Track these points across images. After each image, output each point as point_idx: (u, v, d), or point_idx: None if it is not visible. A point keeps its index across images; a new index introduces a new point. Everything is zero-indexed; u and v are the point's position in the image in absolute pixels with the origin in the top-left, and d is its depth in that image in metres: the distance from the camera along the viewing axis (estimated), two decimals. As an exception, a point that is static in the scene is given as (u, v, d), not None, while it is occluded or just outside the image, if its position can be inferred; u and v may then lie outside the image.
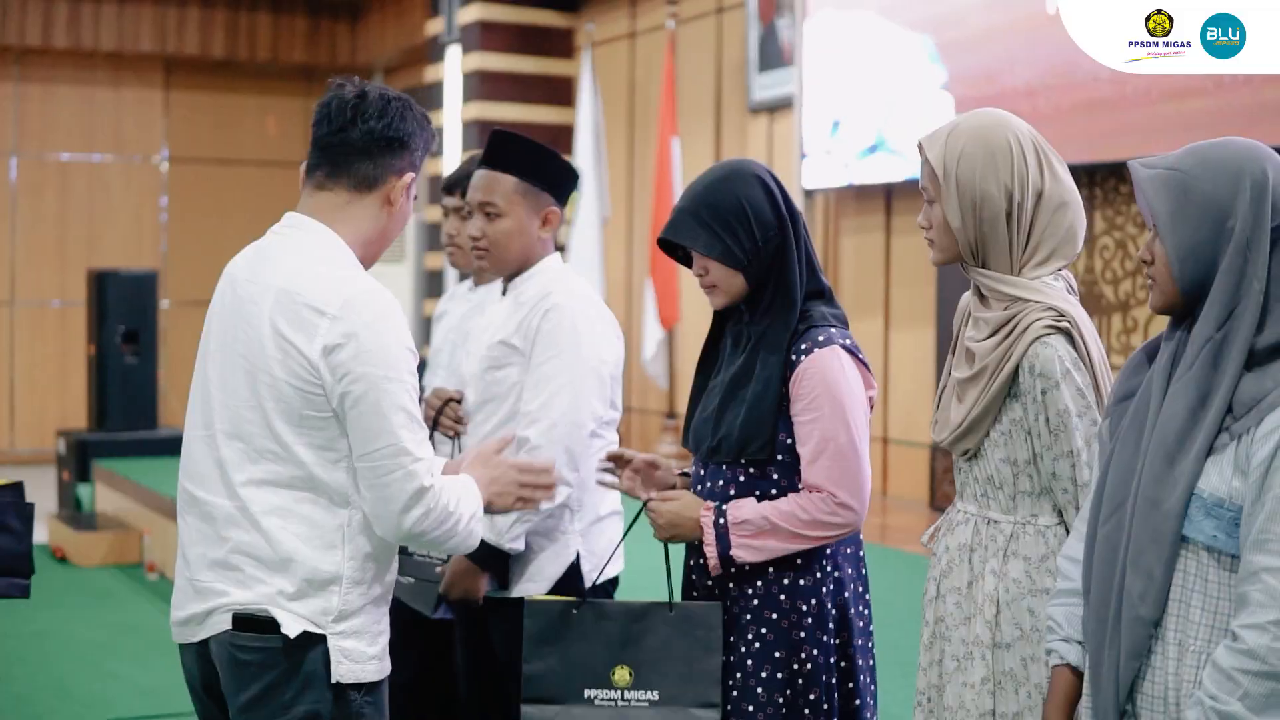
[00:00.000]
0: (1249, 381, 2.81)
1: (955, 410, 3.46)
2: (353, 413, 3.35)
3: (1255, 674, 2.72)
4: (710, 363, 4.01)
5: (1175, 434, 2.86)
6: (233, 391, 3.44)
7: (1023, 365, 3.31)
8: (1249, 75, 8.01)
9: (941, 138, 3.44)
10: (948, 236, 3.44)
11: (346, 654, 3.41)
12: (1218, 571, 2.83)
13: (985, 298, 3.44)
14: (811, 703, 3.77)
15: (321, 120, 3.54)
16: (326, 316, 3.34)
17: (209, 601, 3.45)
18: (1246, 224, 2.83)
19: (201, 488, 3.48)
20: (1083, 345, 3.35)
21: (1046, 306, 3.33)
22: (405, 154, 3.56)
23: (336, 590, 3.40)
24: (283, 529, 3.38)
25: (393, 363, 3.37)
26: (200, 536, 3.48)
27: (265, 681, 3.39)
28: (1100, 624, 2.96)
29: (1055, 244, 3.41)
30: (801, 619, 3.79)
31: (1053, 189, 3.39)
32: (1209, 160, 2.92)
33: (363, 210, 3.55)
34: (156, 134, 17.79)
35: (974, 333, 3.44)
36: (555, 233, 4.71)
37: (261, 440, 3.40)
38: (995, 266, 3.41)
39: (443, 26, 15.05)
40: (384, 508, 3.39)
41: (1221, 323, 2.85)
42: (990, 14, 9.83)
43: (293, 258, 3.47)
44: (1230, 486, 2.80)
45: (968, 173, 3.37)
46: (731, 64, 12.70)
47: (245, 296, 3.47)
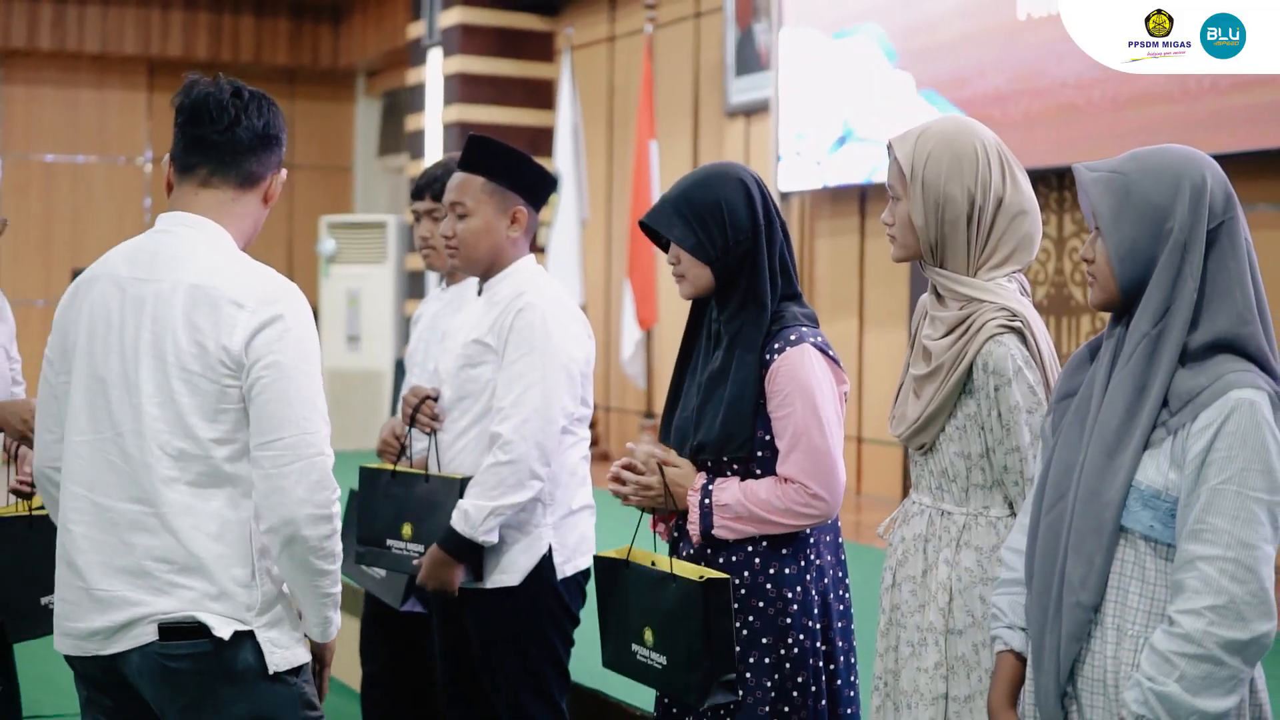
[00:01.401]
0: (1183, 377, 2.93)
1: (912, 406, 3.56)
2: (259, 399, 3.37)
3: (1191, 657, 2.83)
4: (687, 358, 4.14)
5: (1114, 429, 2.97)
6: (137, 390, 3.40)
7: (977, 363, 3.42)
8: (1214, 82, 8.10)
9: (911, 139, 3.56)
10: (910, 234, 3.55)
11: (275, 643, 3.42)
12: (1154, 560, 2.95)
13: (942, 297, 3.54)
14: (799, 685, 3.91)
15: (200, 118, 3.54)
16: (245, 310, 3.37)
17: (123, 612, 3.39)
18: (1184, 226, 2.96)
19: (98, 492, 3.42)
20: (1034, 344, 3.44)
21: (1000, 306, 3.44)
22: (279, 150, 3.62)
23: (254, 584, 3.41)
24: (194, 529, 3.36)
25: (302, 352, 3.41)
26: (97, 544, 3.42)
27: (201, 687, 3.39)
28: (1042, 610, 3.07)
29: (1012, 249, 3.52)
30: (787, 606, 3.91)
31: (1013, 196, 3.51)
32: (1150, 165, 3.05)
33: (245, 207, 3.59)
34: (140, 135, 17.76)
35: (930, 331, 3.55)
36: (528, 233, 4.81)
37: (170, 437, 3.37)
38: (953, 266, 3.52)
39: (424, 30, 15.05)
40: (278, 498, 3.38)
41: (1158, 319, 2.96)
42: (962, 21, 9.89)
43: (199, 255, 3.46)
44: (1167, 479, 2.93)
45: (934, 174, 3.49)
46: (709, 68, 12.73)
47: (146, 295, 3.43)
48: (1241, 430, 2.86)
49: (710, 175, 4.01)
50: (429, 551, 4.62)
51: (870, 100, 10.57)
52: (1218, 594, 2.83)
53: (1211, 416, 2.88)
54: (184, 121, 3.56)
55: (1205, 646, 2.83)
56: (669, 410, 4.17)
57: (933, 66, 10.12)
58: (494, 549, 4.61)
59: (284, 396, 3.35)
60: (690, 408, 4.03)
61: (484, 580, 4.66)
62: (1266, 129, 7.97)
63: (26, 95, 17.24)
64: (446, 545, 4.55)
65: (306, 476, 3.36)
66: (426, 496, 4.69)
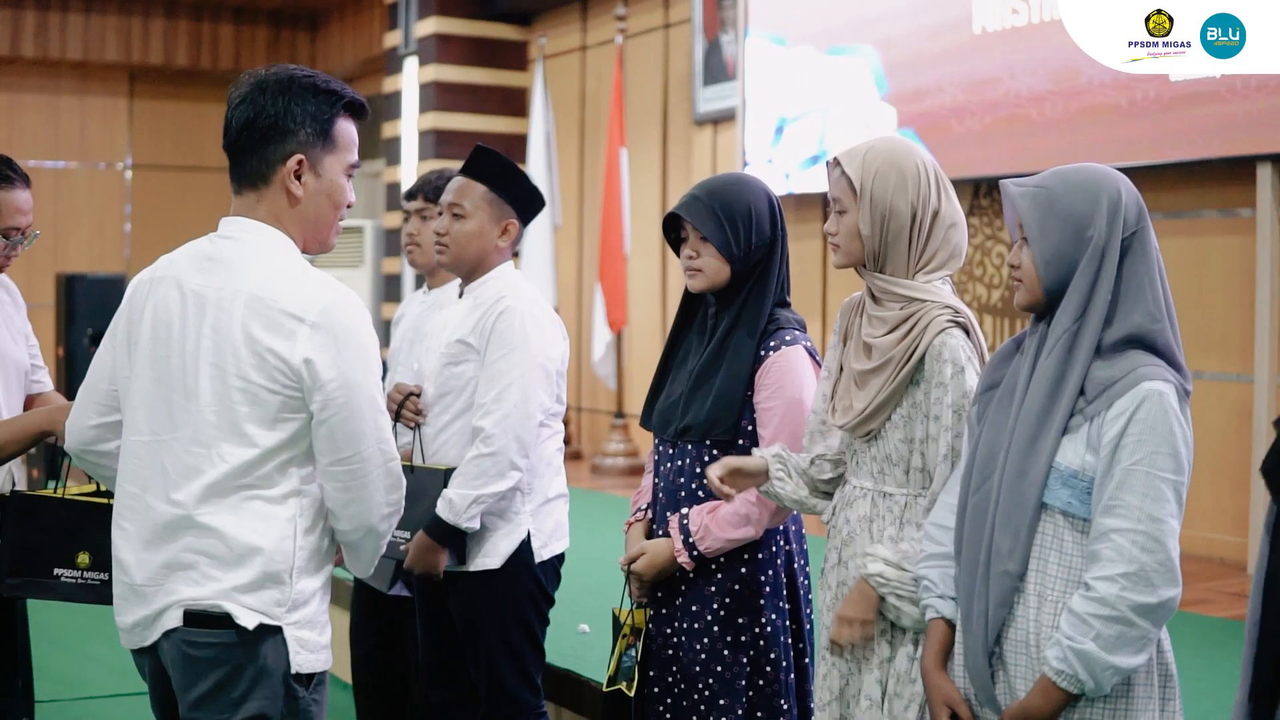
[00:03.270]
0: (1099, 368, 3.21)
1: (858, 398, 3.79)
2: (334, 419, 3.34)
3: (1106, 618, 3.10)
4: (674, 349, 4.43)
5: (1037, 415, 3.25)
6: (195, 396, 3.36)
7: (929, 354, 3.67)
8: (1159, 95, 8.37)
9: (859, 156, 3.79)
10: (855, 243, 3.78)
11: (303, 644, 3.40)
12: (1072, 533, 3.22)
13: (879, 299, 3.80)
14: (772, 660, 4.23)
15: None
16: (306, 324, 3.31)
17: (157, 602, 3.39)
18: (1102, 235, 3.24)
19: (150, 492, 3.41)
20: (976, 339, 3.74)
21: (944, 305, 3.72)
22: (286, 138, 3.43)
23: (289, 581, 3.37)
24: (237, 527, 3.33)
25: (366, 364, 3.37)
26: (145, 541, 3.41)
27: (217, 678, 3.34)
28: (970, 579, 3.32)
29: (946, 256, 3.80)
30: (760, 588, 4.24)
31: (947, 210, 3.80)
32: (1071, 180, 3.31)
33: (273, 205, 3.47)
34: (121, 141, 17.86)
35: (872, 329, 3.78)
36: (513, 245, 5.04)
37: (227, 445, 3.34)
38: (893, 272, 3.77)
39: (400, 39, 15.09)
40: (359, 504, 3.43)
41: (1077, 317, 3.23)
42: (923, 36, 10.06)
43: (257, 264, 3.40)
44: (1084, 460, 3.20)
45: (881, 189, 3.74)
46: (678, 77, 12.83)
47: (208, 303, 3.39)
48: (1151, 418, 3.12)
49: (741, 181, 4.31)
50: (416, 538, 4.79)
51: (849, 128, 10.68)
52: (1130, 562, 3.09)
53: (1125, 405, 3.15)
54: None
55: (1118, 609, 3.09)
56: (652, 397, 4.45)
57: (899, 79, 10.27)
58: (476, 535, 4.80)
59: (356, 413, 3.35)
60: (677, 394, 4.31)
61: (467, 564, 4.84)
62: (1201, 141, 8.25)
63: (9, 102, 17.29)
64: (432, 531, 4.75)
65: (383, 483, 3.42)
66: (412, 486, 4.60)
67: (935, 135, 9.88)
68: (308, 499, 3.42)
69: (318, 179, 3.48)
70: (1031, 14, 9.21)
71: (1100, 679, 3.13)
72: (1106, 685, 3.15)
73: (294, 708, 3.40)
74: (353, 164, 3.57)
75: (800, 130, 11.13)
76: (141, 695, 7.29)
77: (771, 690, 4.23)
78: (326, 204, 3.51)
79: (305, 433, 3.38)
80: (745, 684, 4.21)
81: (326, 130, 3.47)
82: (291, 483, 3.39)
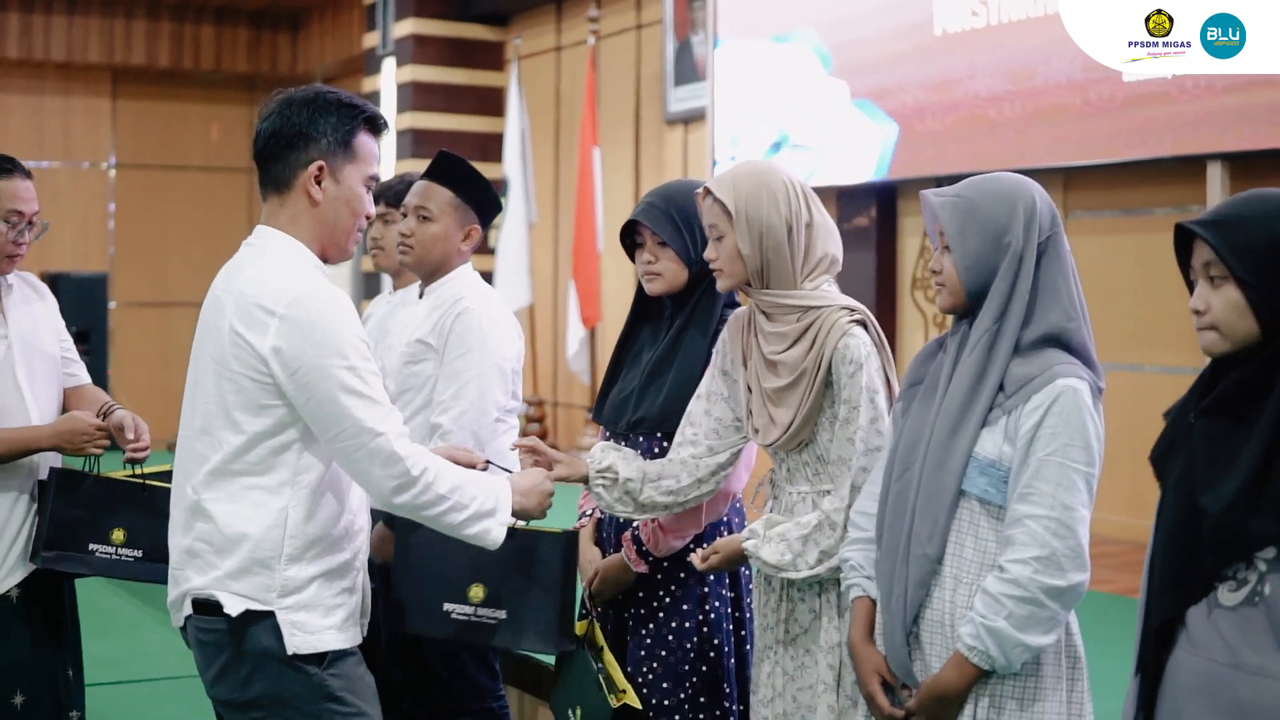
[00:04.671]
0: (1017, 365, 3.34)
1: (780, 414, 3.92)
2: (310, 404, 3.47)
3: (1017, 599, 3.23)
4: (626, 345, 4.56)
5: (957, 408, 3.38)
6: (204, 390, 3.57)
7: (835, 358, 3.82)
8: (1112, 94, 8.55)
9: (729, 182, 3.93)
10: (738, 264, 3.92)
11: (298, 626, 3.50)
12: (987, 519, 3.36)
13: (771, 315, 3.94)
14: (715, 646, 4.37)
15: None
16: (275, 315, 3.46)
17: (180, 587, 3.59)
18: (1019, 240, 3.36)
19: (184, 479, 3.61)
20: (875, 332, 3.89)
21: (840, 307, 3.87)
22: (308, 146, 3.59)
23: (276, 568, 3.50)
24: (231, 514, 3.49)
25: (334, 350, 3.46)
26: (179, 526, 3.62)
27: (222, 661, 3.53)
28: (891, 562, 3.45)
29: (827, 262, 3.95)
30: (704, 577, 4.37)
31: (819, 219, 3.93)
32: (989, 189, 3.45)
33: (293, 210, 3.63)
34: (105, 141, 17.87)
35: (773, 346, 3.93)
36: (473, 248, 5.14)
37: (221, 430, 3.51)
38: (779, 285, 3.91)
39: (378, 40, 15.20)
40: (365, 482, 3.56)
41: (997, 318, 3.36)
42: (885, 36, 10.21)
43: (254, 266, 3.59)
44: (1001, 451, 3.33)
45: (755, 208, 3.87)
46: (650, 77, 12.94)
47: (218, 304, 3.58)
48: (1065, 412, 3.26)
49: (692, 186, 4.35)
50: (376, 528, 4.82)
51: (805, 107, 10.82)
52: (1041, 547, 3.22)
53: (1041, 400, 3.28)
54: None
55: (1030, 590, 3.22)
56: (605, 390, 4.58)
57: (862, 77, 10.40)
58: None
59: (328, 399, 3.47)
60: (630, 389, 4.43)
61: None
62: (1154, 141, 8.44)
63: None
64: (390, 522, 4.78)
65: (375, 458, 3.49)
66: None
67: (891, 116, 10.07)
68: (304, 490, 3.54)
69: (337, 185, 3.64)
70: (990, 16, 9.37)
71: (1011, 656, 3.27)
72: (1016, 663, 3.29)
73: (308, 685, 3.52)
74: (372, 175, 3.71)
75: (760, 119, 11.25)
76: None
77: (715, 676, 4.36)
78: (345, 211, 3.67)
79: (290, 420, 3.51)
80: (689, 669, 4.34)
81: (348, 141, 3.64)
82: (284, 473, 3.53)
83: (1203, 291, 2.96)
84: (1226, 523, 2.84)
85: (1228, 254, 2.88)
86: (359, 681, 3.63)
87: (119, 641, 8.45)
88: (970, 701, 3.36)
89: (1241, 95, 7.93)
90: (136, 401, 17.02)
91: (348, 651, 3.62)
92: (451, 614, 4.17)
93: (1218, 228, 2.93)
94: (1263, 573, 2.85)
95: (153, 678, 7.91)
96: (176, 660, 8.03)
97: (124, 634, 8.60)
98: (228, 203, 18.23)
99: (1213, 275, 2.94)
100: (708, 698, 4.38)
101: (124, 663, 8.04)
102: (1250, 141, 7.97)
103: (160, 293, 17.91)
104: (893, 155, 10.12)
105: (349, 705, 3.58)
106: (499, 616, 4.14)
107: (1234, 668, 2.86)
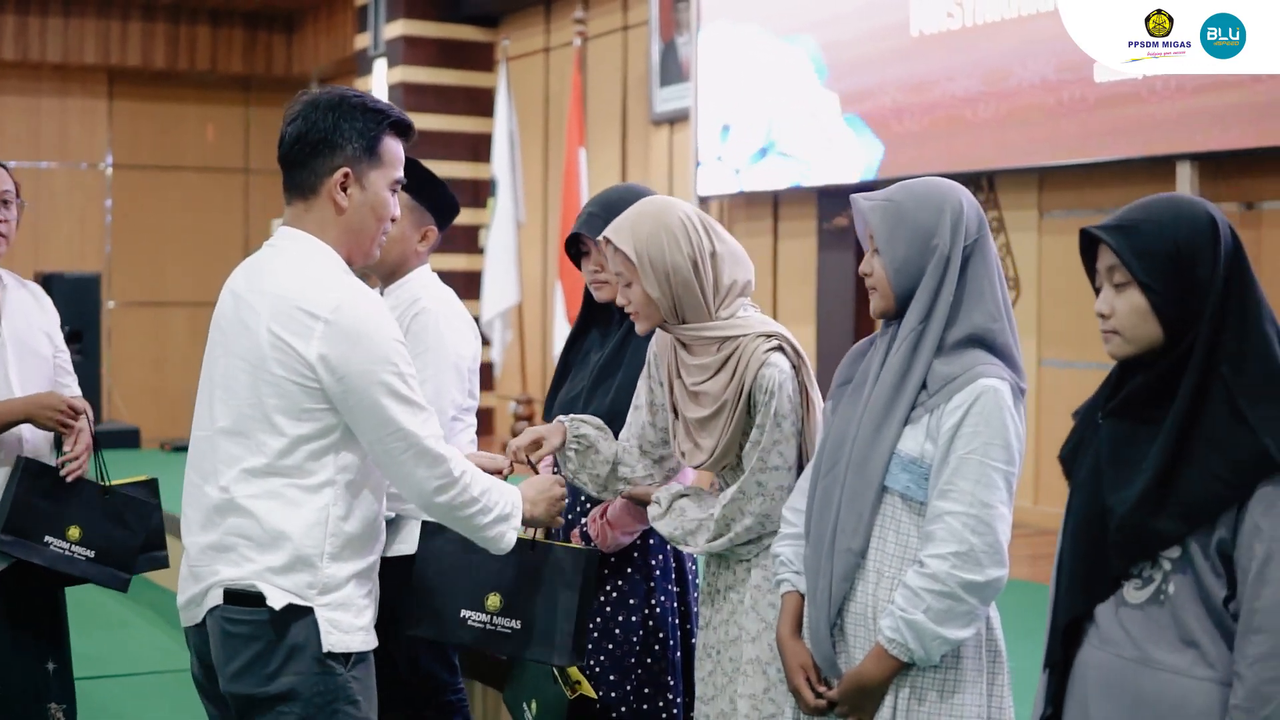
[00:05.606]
0: (940, 365, 3.41)
1: (704, 440, 3.96)
2: (354, 410, 3.49)
3: (935, 593, 3.31)
4: (574, 350, 4.66)
5: (882, 406, 3.44)
6: (235, 392, 3.55)
7: (755, 388, 3.85)
8: (1083, 96, 8.61)
9: (627, 230, 3.97)
10: (650, 306, 3.96)
11: (335, 624, 3.53)
12: (909, 515, 3.43)
13: (690, 347, 3.99)
14: (660, 639, 4.47)
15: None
16: (320, 320, 3.46)
17: (204, 582, 3.57)
18: (946, 244, 3.42)
19: (203, 479, 3.60)
20: (792, 354, 3.93)
21: (758, 334, 3.91)
22: (334, 152, 3.59)
23: (319, 565, 3.51)
24: (271, 513, 3.50)
25: (380, 355, 3.49)
26: (197, 524, 3.61)
27: (252, 652, 3.50)
28: (817, 557, 3.52)
29: (738, 287, 3.99)
30: (652, 572, 4.48)
31: (720, 247, 3.96)
32: (917, 193, 3.50)
33: (319, 215, 3.63)
34: (101, 141, 17.92)
35: (695, 378, 3.98)
36: (431, 250, 5.18)
37: (259, 434, 3.51)
38: (694, 319, 3.94)
39: (370, 41, 15.25)
40: (406, 486, 3.58)
41: (923, 318, 3.42)
42: (866, 37, 10.28)
43: (286, 268, 3.58)
44: (923, 449, 3.40)
45: (657, 251, 3.90)
46: (636, 78, 12.99)
47: (245, 306, 3.57)
48: (986, 411, 3.32)
49: (632, 193, 4.43)
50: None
51: (795, 116, 10.87)
52: (960, 542, 3.30)
53: (962, 399, 3.35)
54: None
55: (948, 585, 3.30)
56: (554, 390, 4.66)
57: (845, 79, 10.47)
58: (392, 522, 4.87)
59: (374, 402, 3.49)
60: (579, 389, 4.52)
61: (385, 550, 4.81)
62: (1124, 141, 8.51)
63: None
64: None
65: (420, 461, 3.53)
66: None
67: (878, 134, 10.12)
68: (342, 488, 3.57)
69: (363, 191, 3.64)
70: (965, 17, 9.44)
71: (929, 648, 3.35)
72: (935, 655, 3.36)
73: (330, 684, 3.54)
74: (397, 179, 3.72)
75: (748, 123, 11.28)
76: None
77: (659, 668, 4.45)
78: (370, 216, 3.67)
79: (334, 424, 3.53)
80: (635, 661, 4.43)
81: (373, 146, 3.64)
82: (326, 472, 3.54)
83: (1107, 295, 3.03)
84: (1131, 523, 2.92)
85: (1131, 258, 2.96)
86: (370, 686, 3.67)
87: (106, 637, 8.53)
88: (891, 692, 3.44)
89: (1210, 97, 8.01)
90: (132, 400, 17.22)
91: (367, 654, 3.67)
92: (468, 621, 4.19)
93: (1121, 232, 3.00)
94: (1167, 572, 2.93)
95: (139, 672, 8.00)
96: (162, 656, 8.21)
97: (111, 630, 8.68)
98: (223, 203, 18.28)
99: (1116, 280, 3.01)
100: (652, 689, 4.47)
101: (110, 658, 8.13)
102: (1218, 142, 8.05)
103: (156, 292, 17.95)
104: (881, 158, 10.19)
105: (360, 710, 3.61)
106: (513, 626, 4.15)
107: (1139, 663, 2.94)
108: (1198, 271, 2.93)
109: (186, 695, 4.18)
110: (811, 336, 10.72)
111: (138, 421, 15.84)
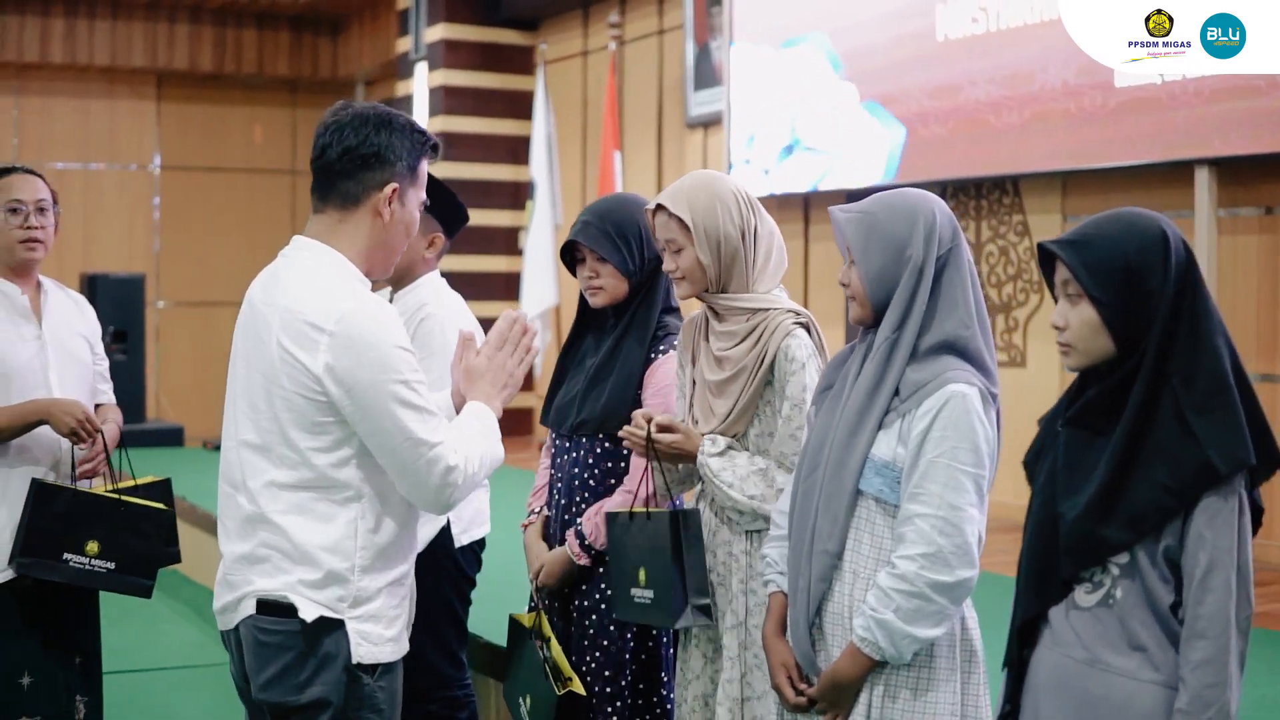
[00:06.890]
0: (913, 371, 3.48)
1: (719, 404, 4.12)
2: (364, 420, 3.47)
3: (905, 593, 3.38)
4: (570, 355, 4.74)
5: (857, 411, 3.51)
6: (255, 406, 3.56)
7: (779, 357, 4.01)
8: (1090, 100, 8.67)
9: (684, 198, 4.11)
10: (699, 272, 4.12)
11: (365, 636, 3.55)
12: (883, 517, 3.50)
13: (723, 316, 4.14)
14: (654, 636, 4.57)
15: (312, 147, 3.66)
16: (325, 333, 3.45)
17: (238, 590, 3.60)
18: (919, 254, 3.50)
19: (234, 489, 3.63)
20: (818, 337, 4.08)
21: (786, 310, 4.08)
22: (385, 167, 3.61)
23: (351, 579, 3.53)
24: (300, 526, 3.51)
25: (387, 365, 3.46)
26: (234, 533, 3.63)
27: (283, 662, 3.53)
28: (797, 558, 3.60)
29: (776, 265, 4.17)
30: None
31: (764, 224, 4.15)
32: (892, 205, 3.57)
33: (355, 226, 3.62)
34: (149, 143, 18.04)
35: (721, 344, 4.12)
36: (439, 257, 5.30)
37: (280, 448, 3.52)
38: (735, 290, 4.12)
39: (411, 44, 15.35)
40: (420, 494, 3.56)
41: (897, 326, 3.49)
42: (890, 43, 10.34)
43: (296, 279, 3.58)
44: (895, 453, 3.47)
45: (711, 220, 4.08)
46: (671, 82, 13.05)
47: (259, 317, 3.58)
48: (954, 416, 3.39)
49: (628, 201, 4.58)
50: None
51: (816, 110, 10.93)
52: (929, 544, 3.36)
53: (932, 404, 3.42)
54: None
55: (917, 585, 3.37)
56: (551, 394, 4.75)
57: (870, 83, 10.52)
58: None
59: (382, 412, 3.48)
60: (574, 392, 4.61)
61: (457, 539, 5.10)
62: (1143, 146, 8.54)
63: (40, 106, 17.52)
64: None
65: (434, 467, 3.52)
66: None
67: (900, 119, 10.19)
68: (369, 501, 3.57)
69: (402, 209, 3.68)
70: (990, 22, 9.47)
71: (900, 647, 3.42)
72: (906, 653, 3.43)
73: (358, 694, 3.56)
74: (424, 199, 3.78)
75: (773, 122, 11.35)
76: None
77: (652, 664, 4.55)
78: (402, 232, 3.71)
79: (346, 437, 3.52)
80: (629, 658, 4.51)
81: (415, 166, 3.69)
82: (351, 485, 3.55)
83: (1062, 308, 3.11)
84: (1080, 530, 3.02)
85: (1082, 273, 3.04)
86: (395, 692, 3.69)
87: (137, 631, 8.69)
88: (866, 690, 3.52)
89: (1228, 102, 8.04)
90: (179, 398, 17.36)
91: (395, 663, 3.69)
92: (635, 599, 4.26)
93: (1074, 247, 3.08)
94: (1115, 577, 3.02)
95: (169, 666, 8.11)
96: (192, 650, 8.36)
97: (142, 624, 8.83)
98: (270, 203, 18.40)
99: (1070, 293, 3.09)
100: (646, 684, 4.56)
101: (140, 652, 8.27)
102: (1236, 147, 8.09)
103: (204, 292, 18.07)
104: (900, 159, 10.24)
105: (384, 719, 3.64)
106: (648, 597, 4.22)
107: (1088, 664, 3.04)
108: (1148, 285, 3.01)
109: (215, 690, 4.29)
110: (840, 339, 10.56)
111: (183, 420, 16.03)
